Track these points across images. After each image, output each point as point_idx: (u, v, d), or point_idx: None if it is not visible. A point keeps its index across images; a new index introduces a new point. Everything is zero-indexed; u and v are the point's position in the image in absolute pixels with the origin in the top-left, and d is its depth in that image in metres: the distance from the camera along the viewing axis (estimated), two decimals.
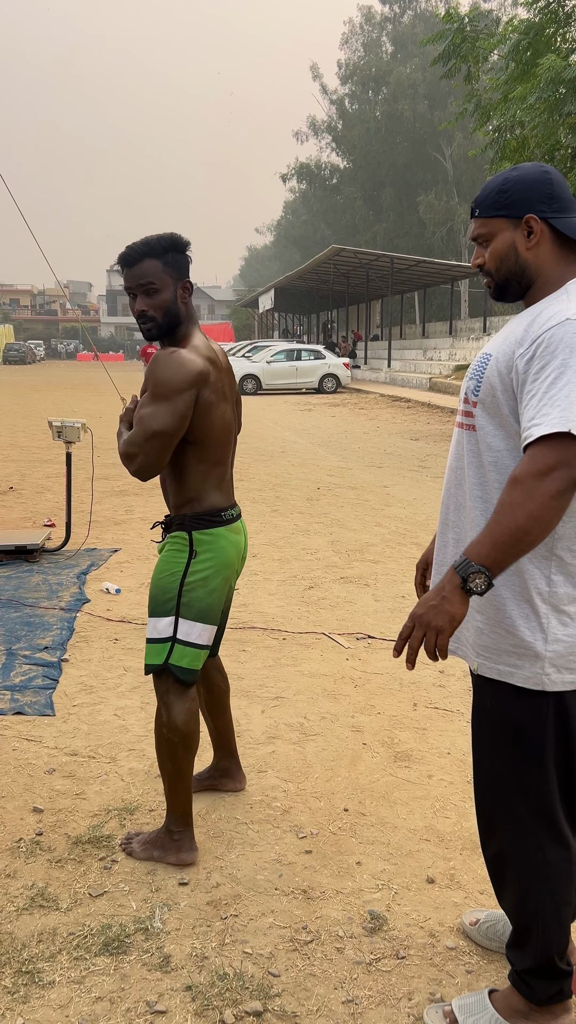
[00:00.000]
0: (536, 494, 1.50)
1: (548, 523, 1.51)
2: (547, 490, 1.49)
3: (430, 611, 1.58)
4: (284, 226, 70.07)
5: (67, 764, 3.10)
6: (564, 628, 1.67)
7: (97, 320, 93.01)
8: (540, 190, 1.68)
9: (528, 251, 1.71)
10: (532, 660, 1.68)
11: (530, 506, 1.50)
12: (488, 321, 29.23)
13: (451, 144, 42.45)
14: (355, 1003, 1.99)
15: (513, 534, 1.51)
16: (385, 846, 2.62)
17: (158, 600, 2.44)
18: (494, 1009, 1.87)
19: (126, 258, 2.35)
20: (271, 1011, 1.96)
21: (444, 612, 1.57)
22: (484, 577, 1.54)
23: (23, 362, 55.57)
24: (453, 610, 1.57)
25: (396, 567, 5.87)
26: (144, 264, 2.33)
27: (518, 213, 1.69)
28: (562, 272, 1.71)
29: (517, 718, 1.73)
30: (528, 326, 1.64)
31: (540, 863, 1.76)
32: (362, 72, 47.01)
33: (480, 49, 12.84)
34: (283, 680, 3.90)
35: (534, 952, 1.80)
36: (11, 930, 2.22)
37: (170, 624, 2.42)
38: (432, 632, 1.58)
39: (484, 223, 1.74)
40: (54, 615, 4.75)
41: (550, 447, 1.50)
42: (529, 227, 1.69)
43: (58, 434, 5.93)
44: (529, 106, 10.89)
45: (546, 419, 1.51)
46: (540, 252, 1.70)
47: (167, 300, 2.35)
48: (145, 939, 2.19)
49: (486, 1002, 1.89)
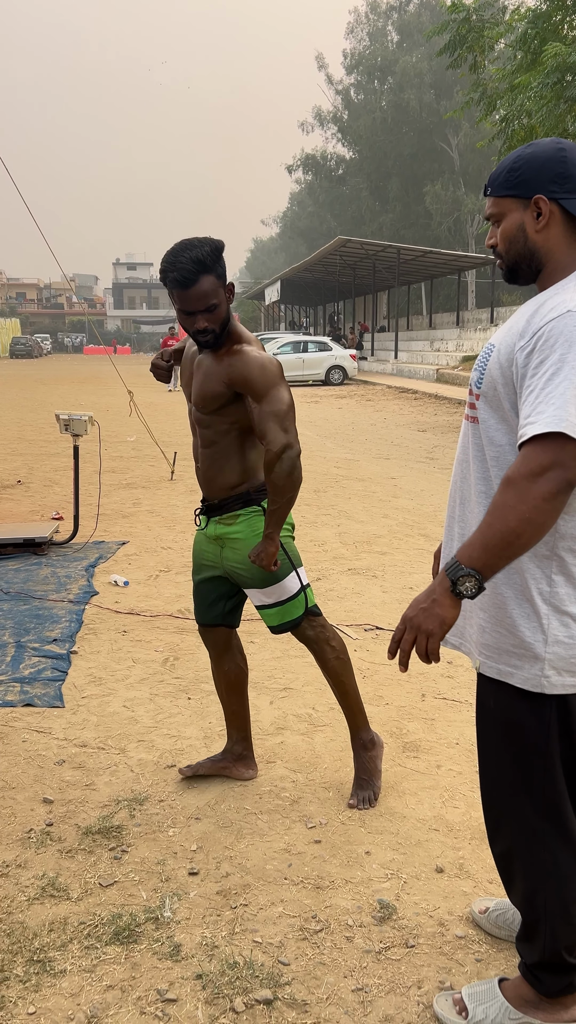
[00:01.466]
0: (528, 496, 1.45)
1: (541, 526, 1.46)
2: (540, 492, 1.44)
3: (420, 614, 1.56)
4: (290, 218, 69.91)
5: (76, 755, 3.11)
6: (565, 630, 1.63)
7: (103, 313, 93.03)
8: (552, 169, 1.60)
9: (537, 233, 1.63)
10: (532, 661, 1.65)
11: (522, 508, 1.45)
12: (495, 311, 29.13)
13: (458, 134, 42.24)
14: (364, 991, 2.00)
15: (504, 537, 1.47)
16: (394, 836, 2.63)
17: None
18: (504, 998, 1.87)
19: (184, 281, 2.34)
20: (281, 999, 1.97)
21: (434, 615, 1.54)
22: (474, 580, 1.50)
23: (30, 356, 55.64)
24: (443, 613, 1.54)
25: (404, 558, 5.87)
26: (202, 283, 2.36)
27: (527, 193, 1.62)
28: (574, 257, 1.64)
29: (519, 719, 1.70)
30: (531, 317, 1.58)
31: (547, 863, 1.74)
32: (368, 62, 46.76)
33: (486, 38, 12.77)
34: (291, 671, 3.90)
35: (542, 947, 1.79)
36: (22, 919, 2.23)
37: (295, 577, 2.68)
38: (423, 635, 1.56)
39: (495, 203, 1.68)
40: (63, 607, 4.77)
41: (543, 447, 1.45)
42: (538, 208, 1.62)
43: (65, 427, 5.94)
44: (535, 93, 10.82)
45: (540, 417, 1.45)
46: (550, 235, 1.63)
47: (223, 312, 2.44)
48: (155, 928, 2.21)
49: (496, 991, 1.89)
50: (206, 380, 2.53)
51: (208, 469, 2.64)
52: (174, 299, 2.43)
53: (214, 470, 2.63)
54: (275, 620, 2.71)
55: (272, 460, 2.43)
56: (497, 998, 1.87)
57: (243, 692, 2.92)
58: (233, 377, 2.46)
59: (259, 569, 2.63)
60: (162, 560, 5.84)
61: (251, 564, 2.63)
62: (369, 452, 11.35)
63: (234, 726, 2.94)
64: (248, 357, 2.45)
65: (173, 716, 3.44)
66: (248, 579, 2.67)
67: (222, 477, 2.62)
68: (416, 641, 1.57)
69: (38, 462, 10.32)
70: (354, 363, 26.65)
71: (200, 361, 2.58)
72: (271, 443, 2.42)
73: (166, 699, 3.61)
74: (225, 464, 2.61)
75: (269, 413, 2.43)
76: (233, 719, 2.93)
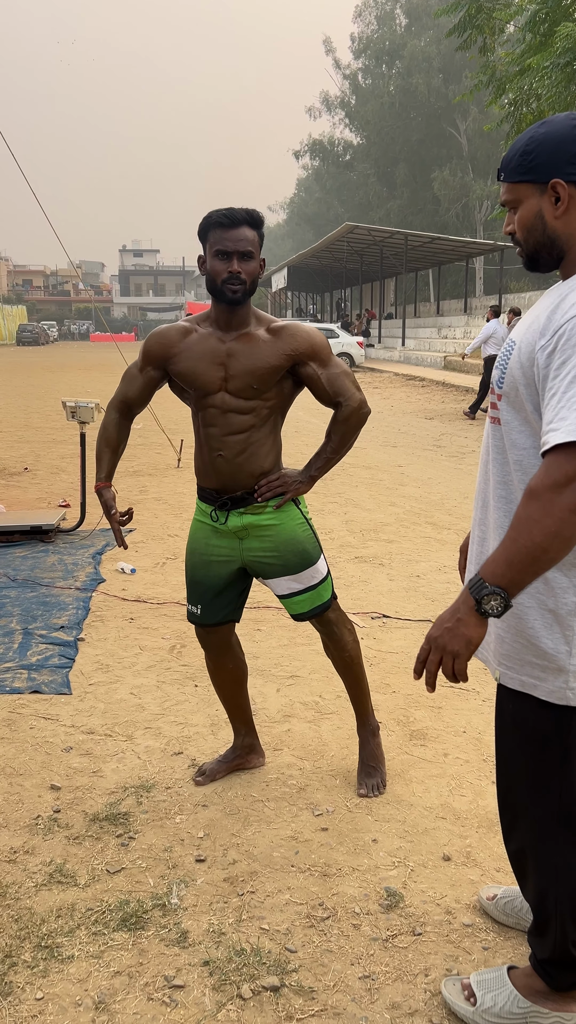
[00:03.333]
0: (554, 509, 1.36)
1: (568, 539, 1.37)
2: (566, 504, 1.36)
3: (446, 634, 1.48)
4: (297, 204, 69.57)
5: (84, 742, 3.12)
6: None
7: (110, 300, 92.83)
8: (568, 149, 1.49)
9: (557, 220, 1.53)
10: (556, 673, 1.59)
11: (548, 522, 1.36)
12: (504, 299, 28.96)
13: (466, 119, 41.93)
14: (372, 979, 2.00)
15: (530, 552, 1.38)
16: (401, 824, 2.63)
17: (306, 548, 2.65)
18: (513, 986, 1.87)
19: (231, 220, 2.43)
20: (288, 986, 1.97)
21: (460, 636, 1.46)
22: (500, 599, 1.42)
23: (36, 343, 55.57)
24: (469, 633, 1.46)
25: (411, 546, 5.85)
26: (244, 229, 2.44)
27: (544, 178, 1.51)
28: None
29: (540, 728, 1.66)
30: (552, 313, 1.49)
31: (560, 867, 1.72)
32: (376, 46, 46.40)
33: (496, 20, 12.64)
34: (298, 659, 3.90)
35: (553, 944, 1.79)
36: (30, 905, 2.24)
37: (323, 561, 2.72)
38: (448, 656, 1.48)
39: (510, 189, 1.57)
40: (70, 595, 4.77)
41: (567, 456, 1.36)
42: (556, 193, 1.52)
43: (72, 414, 5.94)
44: (545, 75, 10.72)
45: (563, 424, 1.37)
46: (571, 220, 1.53)
47: (256, 269, 2.49)
48: (163, 915, 2.21)
49: (505, 979, 1.89)
50: (255, 360, 2.49)
51: (238, 456, 2.55)
52: (212, 243, 2.43)
53: (244, 457, 2.55)
54: (307, 606, 2.68)
55: (351, 414, 2.59)
56: (506, 986, 1.87)
57: (245, 685, 2.90)
58: (297, 348, 2.52)
59: (292, 554, 2.61)
60: (169, 548, 5.84)
61: (283, 551, 2.61)
62: (376, 440, 11.31)
63: (239, 720, 2.92)
64: (302, 327, 2.56)
65: (180, 703, 3.45)
66: (279, 567, 2.63)
67: (254, 463, 2.56)
68: (442, 662, 1.49)
69: (45, 449, 10.32)
70: (361, 350, 26.56)
71: (230, 349, 2.50)
72: (350, 399, 2.59)
73: (173, 686, 3.61)
74: (259, 450, 2.57)
75: (341, 373, 2.59)
76: (237, 713, 2.91)
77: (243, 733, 2.93)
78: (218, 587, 2.70)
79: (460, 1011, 1.88)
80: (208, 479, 2.62)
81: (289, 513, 2.65)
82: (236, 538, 2.64)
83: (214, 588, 2.70)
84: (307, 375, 2.56)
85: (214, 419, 2.55)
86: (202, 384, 2.53)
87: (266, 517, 2.61)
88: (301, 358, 2.53)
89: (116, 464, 2.71)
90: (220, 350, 2.52)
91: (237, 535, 2.64)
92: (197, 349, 2.55)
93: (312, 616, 2.70)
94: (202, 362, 2.53)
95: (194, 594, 2.73)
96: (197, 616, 2.74)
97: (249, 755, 2.94)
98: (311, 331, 2.56)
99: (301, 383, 2.60)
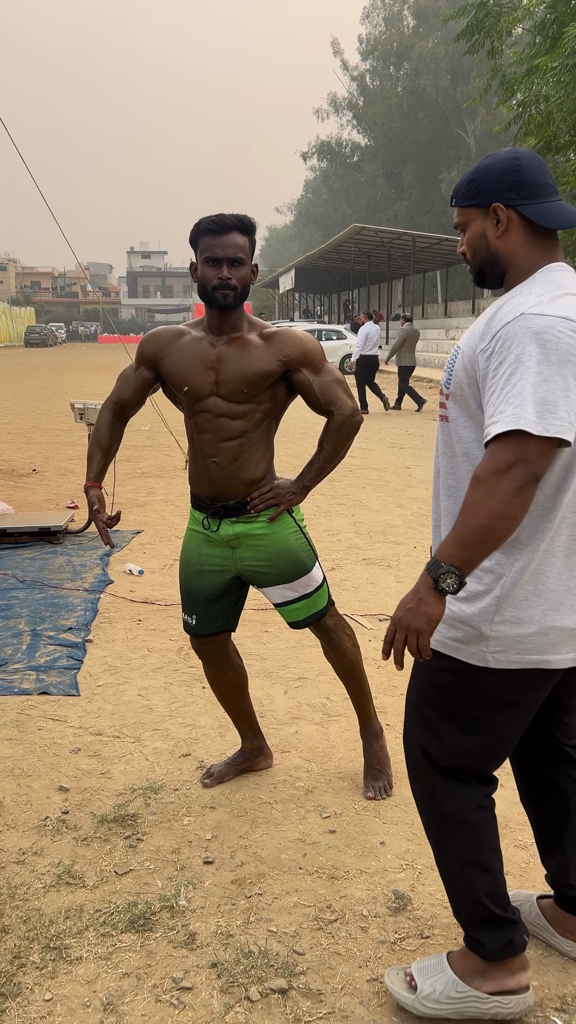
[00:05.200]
0: (498, 492, 1.53)
1: (512, 519, 1.54)
2: (508, 487, 1.52)
3: (408, 614, 1.62)
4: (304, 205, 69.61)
5: (92, 743, 3.13)
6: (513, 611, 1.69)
7: (117, 302, 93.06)
8: (507, 178, 1.70)
9: (498, 240, 1.74)
10: (477, 639, 1.71)
11: (493, 504, 1.53)
12: None
13: (474, 120, 41.89)
14: (380, 982, 2.00)
15: (479, 533, 1.54)
16: (409, 826, 2.62)
17: (300, 556, 2.64)
18: (451, 970, 1.89)
19: (220, 224, 2.42)
20: (296, 989, 1.98)
21: (421, 614, 1.61)
22: (455, 577, 1.57)
23: (44, 344, 55.75)
24: (429, 611, 1.61)
25: (418, 548, 5.85)
26: (234, 235, 2.44)
27: (486, 202, 1.73)
28: (536, 259, 1.72)
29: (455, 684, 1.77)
30: (490, 320, 1.67)
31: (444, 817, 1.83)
32: (383, 47, 46.37)
33: (504, 24, 12.63)
34: (305, 661, 3.90)
35: (465, 903, 1.85)
36: (39, 907, 2.24)
37: (319, 568, 2.71)
38: (412, 634, 1.62)
39: (460, 212, 1.79)
40: (78, 596, 4.79)
41: (506, 445, 1.53)
42: (496, 216, 1.72)
43: (80, 416, 5.95)
44: (553, 77, 10.70)
45: (502, 417, 1.54)
46: (510, 240, 1.73)
47: (247, 275, 2.49)
48: (170, 917, 2.22)
49: (444, 964, 1.91)
50: (246, 365, 2.48)
51: (231, 464, 2.54)
52: (202, 249, 2.44)
53: (238, 464, 2.54)
54: (302, 614, 2.68)
55: (343, 423, 2.57)
56: (445, 971, 1.90)
57: (247, 690, 2.88)
58: (290, 354, 2.51)
59: (285, 563, 2.60)
60: (176, 549, 5.85)
61: (276, 560, 2.60)
62: (383, 441, 11.31)
63: (244, 724, 2.91)
64: (295, 333, 2.56)
65: (188, 705, 3.45)
66: (273, 576, 2.62)
67: (247, 470, 2.55)
68: (407, 640, 1.63)
69: (53, 451, 10.35)
70: None
71: (221, 353, 2.51)
72: (342, 407, 2.57)
73: (181, 688, 3.61)
74: (251, 456, 2.56)
75: (333, 381, 2.58)
76: (241, 718, 2.90)
77: (249, 737, 2.92)
78: (212, 596, 2.68)
79: (401, 999, 1.90)
80: (201, 487, 2.61)
81: (282, 522, 2.63)
82: (229, 547, 2.63)
83: (208, 597, 2.69)
84: (299, 382, 2.55)
85: (207, 424, 2.55)
86: (192, 387, 2.53)
87: (258, 526, 2.61)
88: (293, 364, 2.52)
89: (107, 465, 2.70)
90: (211, 354, 2.52)
91: (230, 544, 2.62)
92: (188, 352, 2.55)
93: (308, 624, 2.70)
94: (192, 365, 2.54)
95: (188, 604, 2.72)
96: (192, 626, 2.73)
97: (257, 757, 2.94)
98: (304, 337, 2.55)
99: (295, 390, 2.59)
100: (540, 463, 1.53)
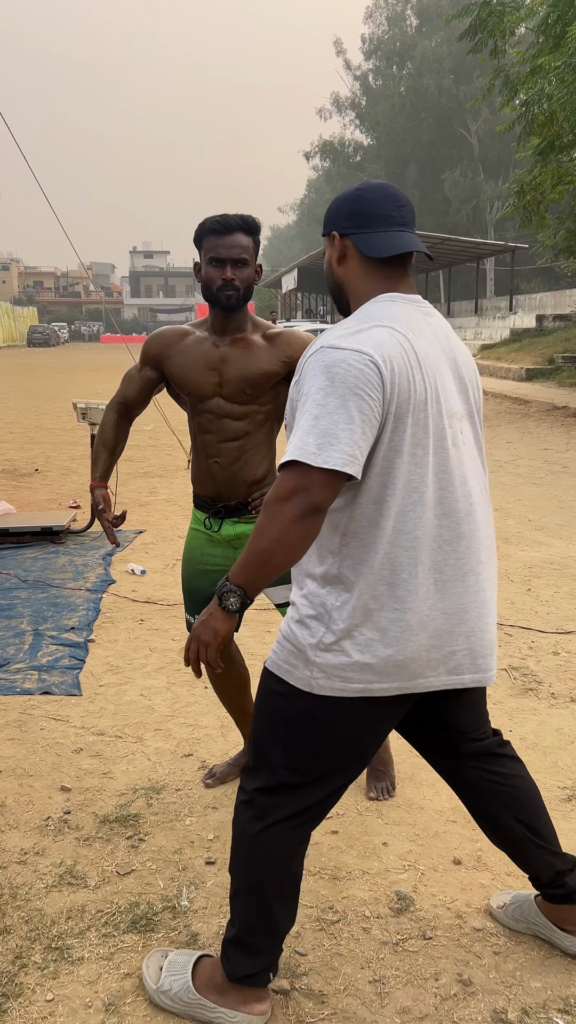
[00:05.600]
0: (278, 519, 1.56)
1: (291, 546, 1.57)
2: (287, 515, 1.55)
3: (200, 627, 1.71)
4: (307, 205, 69.62)
5: (94, 744, 3.12)
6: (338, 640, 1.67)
7: (120, 302, 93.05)
8: (344, 208, 1.76)
9: (339, 267, 1.80)
10: (306, 664, 1.70)
11: (273, 530, 1.56)
12: (515, 299, 28.90)
13: (477, 119, 41.86)
14: (382, 983, 2.00)
15: (259, 556, 1.59)
16: (411, 827, 2.62)
17: None
18: (190, 975, 1.91)
19: (224, 224, 2.42)
20: (298, 989, 1.97)
21: (209, 628, 1.69)
22: (236, 596, 1.63)
23: (47, 344, 55.77)
24: (216, 626, 1.69)
25: None
26: (239, 236, 2.44)
27: (327, 231, 1.80)
28: (370, 289, 1.75)
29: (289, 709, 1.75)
30: (304, 353, 1.71)
31: (240, 834, 1.84)
32: (386, 47, 46.38)
33: (507, 23, 12.62)
34: None
35: (234, 921, 1.86)
36: (40, 907, 2.24)
37: None
38: (202, 646, 1.71)
39: (325, 241, 1.84)
40: (80, 596, 4.79)
41: (290, 474, 1.57)
42: (334, 244, 1.79)
43: (82, 416, 5.95)
44: (556, 76, 10.69)
45: (289, 447, 1.59)
46: (348, 268, 1.78)
47: (251, 276, 2.49)
48: (172, 917, 2.21)
49: (188, 967, 1.93)
50: (249, 366, 2.49)
51: (234, 464, 2.55)
52: (206, 250, 2.43)
53: (240, 464, 2.55)
54: None
55: None
56: (184, 974, 1.91)
57: (249, 689, 2.87)
58: (292, 355, 2.51)
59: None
60: (179, 549, 5.84)
61: None
62: None
63: (246, 724, 2.90)
64: (298, 335, 2.56)
65: (190, 705, 3.45)
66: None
67: (249, 471, 2.55)
68: (200, 651, 1.72)
69: (56, 451, 10.35)
70: None
71: (224, 354, 2.51)
72: None
73: (183, 688, 3.61)
74: (254, 457, 2.56)
75: None
76: (244, 719, 2.89)
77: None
78: (210, 595, 2.68)
79: (146, 984, 1.94)
80: (204, 486, 2.61)
81: None
82: (231, 547, 2.63)
83: (210, 597, 2.65)
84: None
85: (210, 424, 2.56)
86: (195, 387, 2.53)
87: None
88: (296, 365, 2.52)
89: (113, 465, 2.71)
90: (214, 355, 2.52)
91: (231, 544, 2.62)
92: (191, 352, 2.56)
93: None
94: (195, 365, 2.54)
95: (191, 603, 2.72)
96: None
97: None
98: (307, 338, 2.54)
99: None
100: (320, 494, 1.55)
